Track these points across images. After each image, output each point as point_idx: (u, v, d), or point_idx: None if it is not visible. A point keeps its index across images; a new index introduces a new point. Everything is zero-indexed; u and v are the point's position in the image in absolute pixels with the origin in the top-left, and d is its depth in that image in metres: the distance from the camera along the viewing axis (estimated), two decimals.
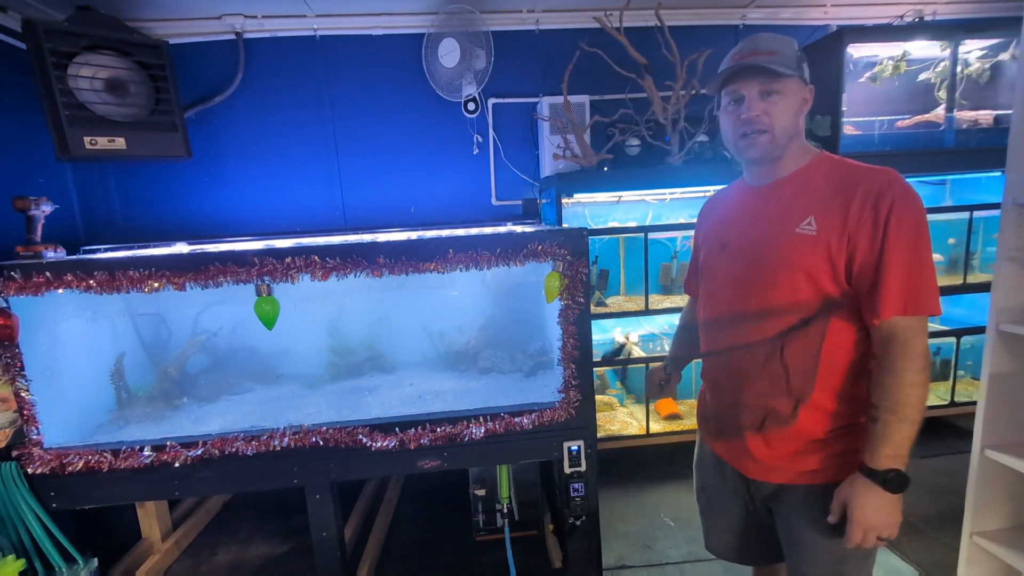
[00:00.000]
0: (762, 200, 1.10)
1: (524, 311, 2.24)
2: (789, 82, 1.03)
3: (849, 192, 0.98)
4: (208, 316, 2.21)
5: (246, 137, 2.63)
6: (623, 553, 2.09)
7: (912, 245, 0.94)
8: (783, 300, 1.03)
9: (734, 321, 1.12)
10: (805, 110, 1.07)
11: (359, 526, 2.30)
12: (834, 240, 0.98)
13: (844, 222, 0.97)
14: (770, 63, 1.00)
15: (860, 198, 0.96)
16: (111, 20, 2.16)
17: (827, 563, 1.08)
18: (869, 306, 0.96)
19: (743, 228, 1.12)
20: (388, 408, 1.80)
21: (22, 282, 1.44)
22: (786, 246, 1.02)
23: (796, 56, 1.03)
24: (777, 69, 1.00)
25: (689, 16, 2.70)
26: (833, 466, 1.05)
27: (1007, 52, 2.57)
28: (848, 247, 0.97)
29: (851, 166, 1.04)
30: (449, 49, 2.49)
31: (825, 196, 1.01)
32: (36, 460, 1.55)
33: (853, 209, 0.96)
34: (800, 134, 1.08)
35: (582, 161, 2.41)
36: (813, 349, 1.02)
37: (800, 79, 1.04)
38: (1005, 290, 1.52)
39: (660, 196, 2.73)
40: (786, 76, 1.02)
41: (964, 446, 1.81)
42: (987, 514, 1.63)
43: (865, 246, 0.96)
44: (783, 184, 1.08)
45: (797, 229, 1.01)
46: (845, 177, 1.01)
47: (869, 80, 2.66)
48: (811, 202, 1.02)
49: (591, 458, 1.71)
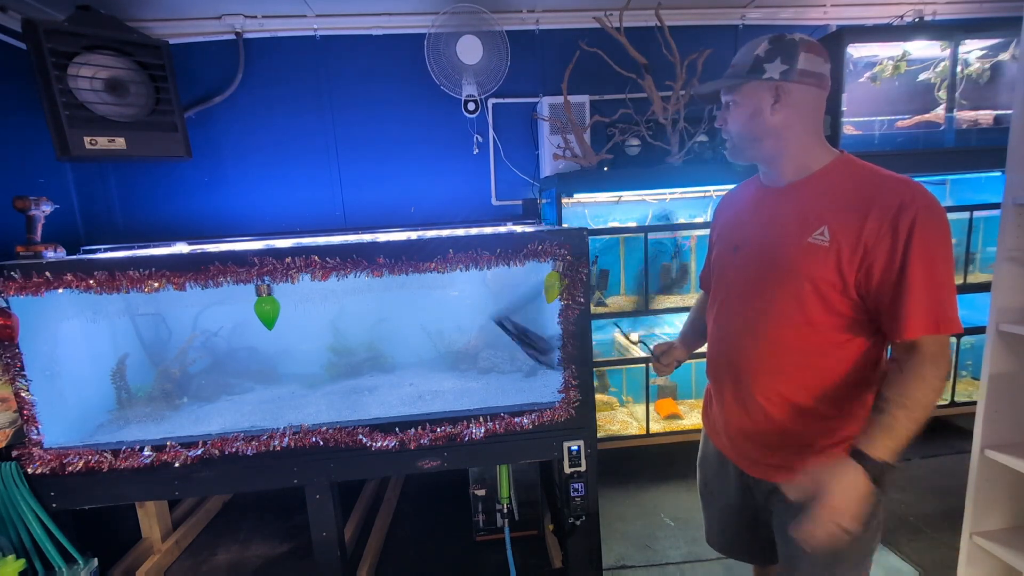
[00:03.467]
0: (776, 204, 1.09)
1: (524, 311, 2.24)
2: (744, 89, 1.04)
3: (867, 204, 0.94)
4: (208, 316, 2.22)
5: (246, 137, 2.62)
6: (623, 553, 2.09)
7: (935, 263, 0.90)
8: (789, 309, 1.03)
9: (740, 324, 1.13)
10: (780, 109, 1.02)
11: (359, 526, 2.30)
12: (846, 253, 0.95)
13: (859, 235, 0.94)
14: (725, 77, 1.06)
15: (879, 212, 0.93)
16: (111, 20, 2.16)
17: (820, 565, 1.07)
18: (891, 324, 0.94)
19: (756, 232, 1.11)
20: (388, 408, 1.80)
21: (22, 282, 1.44)
22: (797, 255, 1.00)
23: (754, 59, 1.02)
24: (722, 84, 1.07)
25: (689, 16, 2.70)
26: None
27: (1007, 52, 2.57)
28: (863, 261, 0.94)
29: (872, 174, 0.99)
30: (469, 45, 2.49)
31: (841, 205, 0.97)
32: (36, 460, 1.55)
33: (870, 223, 0.93)
34: (783, 134, 1.04)
35: (582, 161, 2.41)
36: (816, 359, 1.03)
37: (759, 80, 1.01)
38: (1005, 290, 1.52)
39: (660, 196, 2.73)
40: (737, 85, 1.04)
41: (964, 446, 1.82)
42: (987, 514, 1.63)
43: (883, 262, 0.92)
44: (798, 188, 1.05)
45: (810, 239, 0.99)
46: (864, 187, 0.97)
47: (869, 80, 2.66)
48: (826, 211, 0.99)
49: (591, 458, 1.71)
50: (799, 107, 1.02)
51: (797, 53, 0.99)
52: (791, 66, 0.99)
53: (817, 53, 1.01)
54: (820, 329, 1.01)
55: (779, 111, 1.02)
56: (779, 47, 1.01)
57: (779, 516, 1.13)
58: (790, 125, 1.03)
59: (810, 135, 1.04)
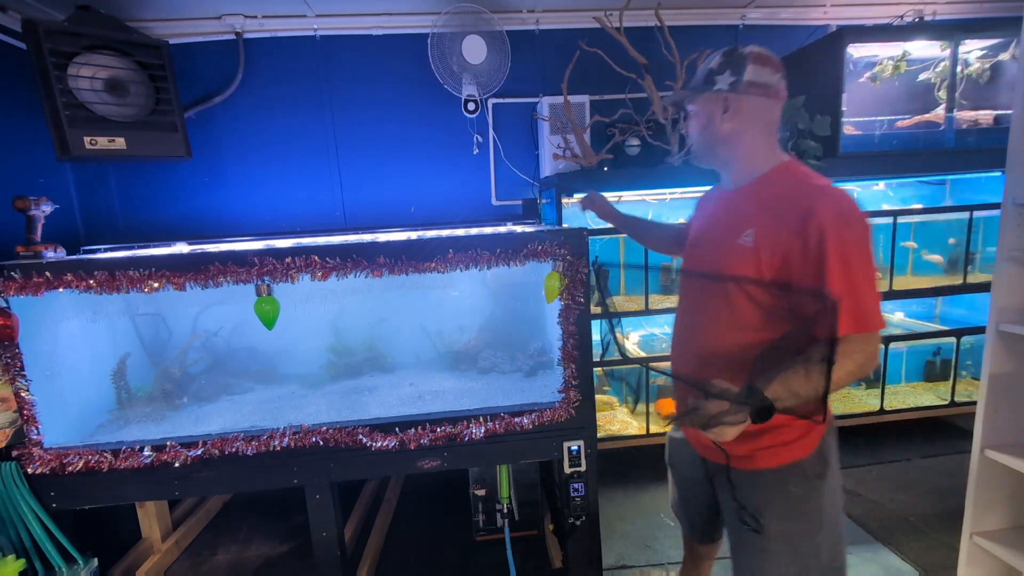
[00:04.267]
0: (724, 206, 1.19)
1: (524, 311, 2.24)
2: (699, 99, 1.13)
3: (786, 210, 1.01)
4: (208, 316, 2.22)
5: (246, 137, 2.62)
6: (623, 553, 2.09)
7: (850, 263, 0.94)
8: (720, 303, 1.10)
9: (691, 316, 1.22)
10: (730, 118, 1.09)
11: (359, 526, 2.30)
12: (766, 255, 1.02)
13: (777, 238, 1.01)
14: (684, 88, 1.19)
15: (792, 217, 0.99)
16: (111, 20, 2.16)
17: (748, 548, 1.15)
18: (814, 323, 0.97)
19: (706, 230, 1.22)
20: (388, 408, 1.80)
21: (22, 282, 1.44)
22: (727, 255, 1.09)
23: (707, 72, 1.10)
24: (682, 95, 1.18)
25: (689, 16, 2.70)
26: (764, 455, 1.11)
27: (1007, 52, 2.57)
28: (783, 262, 1.00)
29: (799, 182, 1.06)
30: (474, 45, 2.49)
31: (766, 210, 1.05)
32: (36, 460, 1.55)
33: (785, 227, 1.00)
34: (732, 141, 1.11)
35: (582, 161, 2.41)
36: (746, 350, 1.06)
37: (711, 92, 1.10)
38: (1005, 290, 1.52)
39: (660, 196, 2.73)
40: (694, 96, 1.14)
41: (964, 446, 1.82)
42: (987, 514, 1.63)
43: (799, 264, 0.98)
44: (739, 193, 1.15)
45: (739, 240, 1.07)
46: (788, 193, 1.04)
47: (869, 80, 2.66)
48: (754, 215, 1.06)
49: (591, 458, 1.71)
50: (747, 116, 1.09)
51: (745, 65, 1.06)
52: (739, 78, 1.07)
53: (766, 64, 1.07)
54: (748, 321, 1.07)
55: (728, 120, 1.10)
56: (729, 60, 1.08)
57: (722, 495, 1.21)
58: (739, 133, 1.10)
59: (759, 143, 1.11)
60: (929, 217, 2.78)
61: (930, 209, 2.81)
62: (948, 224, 2.85)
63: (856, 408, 2.74)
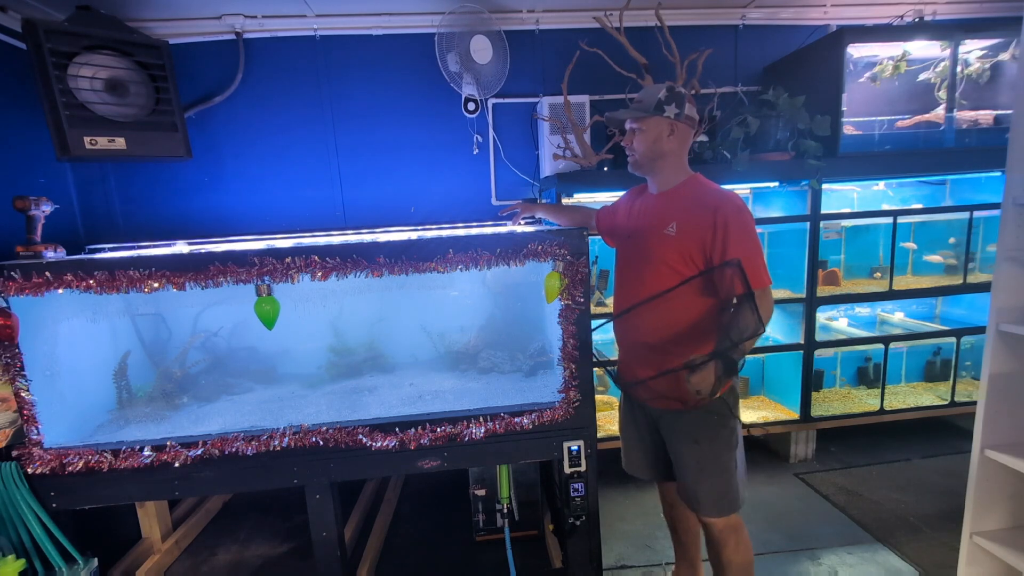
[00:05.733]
0: (653, 206, 1.53)
1: (524, 311, 2.24)
2: (649, 120, 1.45)
3: (697, 208, 1.41)
4: (208, 316, 2.22)
5: (246, 137, 2.62)
6: (623, 553, 2.09)
7: (745, 242, 1.35)
8: (655, 278, 1.46)
9: (631, 292, 1.54)
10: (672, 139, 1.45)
11: (359, 526, 2.30)
12: (686, 240, 1.41)
13: (693, 228, 1.40)
14: (634, 109, 1.47)
15: (702, 212, 1.39)
16: (111, 20, 2.16)
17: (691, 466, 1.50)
18: (724, 288, 1.37)
19: (640, 225, 1.54)
20: (388, 408, 1.80)
21: (22, 282, 1.44)
22: (656, 242, 1.46)
23: (659, 100, 1.42)
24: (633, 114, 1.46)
25: (689, 16, 2.70)
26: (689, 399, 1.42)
27: (1007, 52, 2.57)
28: (699, 245, 1.39)
29: (705, 189, 1.45)
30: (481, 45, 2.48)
31: (684, 209, 1.44)
32: (36, 460, 1.55)
33: (697, 220, 1.39)
34: (669, 156, 1.47)
35: (582, 161, 2.41)
36: (676, 312, 1.45)
37: (661, 117, 1.43)
38: (1005, 290, 1.52)
39: None
40: (645, 117, 1.45)
41: (964, 446, 1.82)
42: (987, 514, 1.63)
43: (709, 244, 1.38)
44: (667, 195, 1.50)
45: (665, 231, 1.44)
46: (698, 196, 1.44)
47: (869, 80, 2.66)
48: (675, 212, 1.45)
49: (591, 458, 1.72)
50: (680, 140, 1.47)
51: (684, 102, 1.44)
52: (681, 111, 1.44)
53: (692, 103, 1.48)
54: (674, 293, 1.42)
55: (670, 141, 1.46)
56: (673, 95, 1.43)
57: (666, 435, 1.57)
58: (673, 151, 1.47)
59: (681, 160, 1.50)
60: (929, 217, 2.78)
61: (930, 209, 2.81)
62: (948, 224, 2.86)
63: (856, 408, 2.74)
